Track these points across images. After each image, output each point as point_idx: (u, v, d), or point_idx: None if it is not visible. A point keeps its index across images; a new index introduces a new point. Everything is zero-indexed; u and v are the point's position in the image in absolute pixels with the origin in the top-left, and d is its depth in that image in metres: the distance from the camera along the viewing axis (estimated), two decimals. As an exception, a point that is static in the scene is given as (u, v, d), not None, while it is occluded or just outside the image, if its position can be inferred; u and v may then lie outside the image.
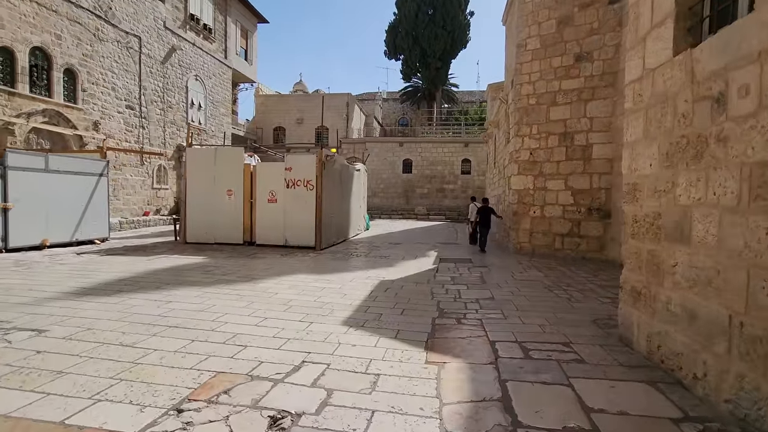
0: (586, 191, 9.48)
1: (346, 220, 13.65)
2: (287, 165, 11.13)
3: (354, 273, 7.64)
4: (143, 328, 4.13)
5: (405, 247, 12.05)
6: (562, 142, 9.76)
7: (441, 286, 6.62)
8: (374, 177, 28.16)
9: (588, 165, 9.44)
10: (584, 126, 9.45)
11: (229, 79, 24.98)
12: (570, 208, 9.69)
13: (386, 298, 5.75)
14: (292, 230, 11.10)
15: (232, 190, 11.48)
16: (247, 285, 6.31)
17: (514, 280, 7.10)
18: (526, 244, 10.33)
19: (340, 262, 8.90)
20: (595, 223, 9.39)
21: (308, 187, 10.99)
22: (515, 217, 10.49)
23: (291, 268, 7.94)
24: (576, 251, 9.62)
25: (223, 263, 8.33)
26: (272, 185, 11.22)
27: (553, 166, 9.92)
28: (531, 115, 10.22)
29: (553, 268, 8.35)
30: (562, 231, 9.80)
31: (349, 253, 10.42)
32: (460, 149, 27.80)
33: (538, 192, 10.16)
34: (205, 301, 5.23)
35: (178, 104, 20.15)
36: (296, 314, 4.79)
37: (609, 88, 9.13)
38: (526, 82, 10.26)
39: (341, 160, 12.93)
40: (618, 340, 4.02)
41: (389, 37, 33.72)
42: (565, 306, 5.40)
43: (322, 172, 10.93)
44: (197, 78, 21.71)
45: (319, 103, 30.10)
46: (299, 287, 6.25)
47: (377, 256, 9.94)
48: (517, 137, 10.44)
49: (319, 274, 7.41)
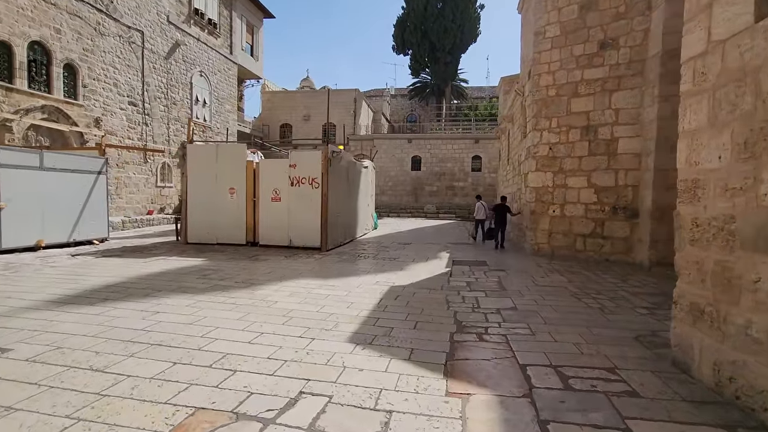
0: (611, 189, 8.81)
1: (353, 220, 13.11)
2: (291, 162, 10.61)
3: (361, 277, 7.09)
4: (121, 346, 3.62)
5: (415, 247, 11.48)
6: (585, 136, 9.09)
7: (456, 293, 6.05)
8: (382, 174, 27.60)
9: (613, 160, 8.77)
10: (609, 118, 8.78)
11: (235, 75, 24.56)
12: (593, 206, 9.03)
13: (397, 307, 5.19)
14: (297, 230, 10.59)
15: (235, 188, 10.99)
16: (245, 292, 5.79)
17: (536, 287, 6.49)
18: (545, 245, 9.70)
19: (347, 265, 8.36)
20: (620, 223, 8.72)
21: (313, 185, 10.46)
22: (533, 216, 9.85)
23: (294, 272, 7.42)
24: (599, 253, 8.96)
25: (223, 266, 7.84)
26: (276, 183, 10.71)
27: (575, 161, 9.26)
28: (550, 108, 9.56)
29: (577, 272, 7.72)
30: (584, 231, 9.15)
31: (356, 255, 9.88)
32: (470, 146, 27.10)
33: (557, 190, 9.52)
34: (197, 312, 4.71)
35: (182, 101, 19.76)
36: (296, 328, 4.25)
37: (637, 77, 8.44)
38: (545, 72, 9.60)
39: (348, 157, 12.38)
40: (671, 365, 3.42)
41: (397, 32, 33.05)
42: (598, 319, 4.79)
43: (328, 169, 10.39)
44: (202, 74, 21.30)
45: (326, 99, 29.62)
46: (301, 295, 5.72)
47: (386, 258, 9.38)
48: (534, 131, 9.79)
49: (324, 279, 6.87)
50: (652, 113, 8.05)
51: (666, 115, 7.82)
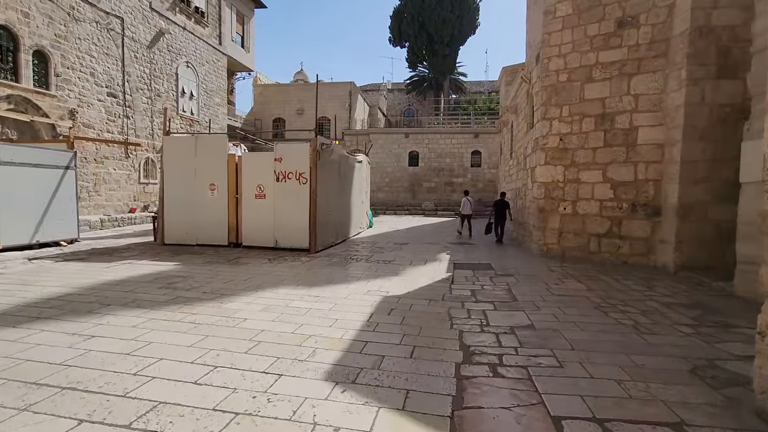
0: (630, 184, 7.94)
1: (345, 218, 12.21)
2: (277, 155, 9.69)
3: (351, 285, 6.21)
4: (19, 392, 2.73)
5: (412, 248, 10.60)
6: (600, 126, 8.21)
7: (460, 305, 5.17)
8: (378, 170, 26.70)
9: (632, 152, 7.89)
10: (627, 105, 7.90)
11: (224, 67, 23.55)
12: (609, 203, 8.16)
13: (390, 326, 4.31)
14: (283, 230, 9.69)
15: (216, 184, 10.07)
16: (211, 306, 4.89)
17: (553, 296, 5.62)
18: (555, 246, 8.83)
19: (337, 270, 7.47)
20: (640, 221, 7.86)
21: (301, 181, 9.56)
22: (541, 214, 8.98)
23: (275, 279, 6.53)
24: (616, 255, 8.10)
25: (195, 272, 6.93)
26: (260, 178, 9.79)
27: (588, 153, 8.38)
28: (561, 94, 8.67)
29: (594, 278, 6.86)
30: (599, 231, 8.28)
31: (347, 257, 8.99)
32: (469, 140, 26.21)
33: (569, 185, 8.64)
34: (142, 336, 3.81)
35: (167, 92, 18.76)
36: (262, 359, 3.37)
37: (660, 58, 7.55)
38: (555, 55, 8.70)
39: (339, 150, 11.47)
40: (755, 415, 2.55)
41: (394, 23, 32.03)
42: (636, 341, 3.92)
43: (317, 163, 9.48)
44: (188, 65, 20.29)
45: (321, 93, 28.47)
46: (278, 309, 4.83)
47: (380, 261, 8.49)
48: (543, 121, 8.90)
49: (308, 288, 5.98)
50: (678, 99, 7.17)
51: (695, 100, 6.94)
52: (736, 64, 6.79)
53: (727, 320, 4.59)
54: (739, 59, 6.77)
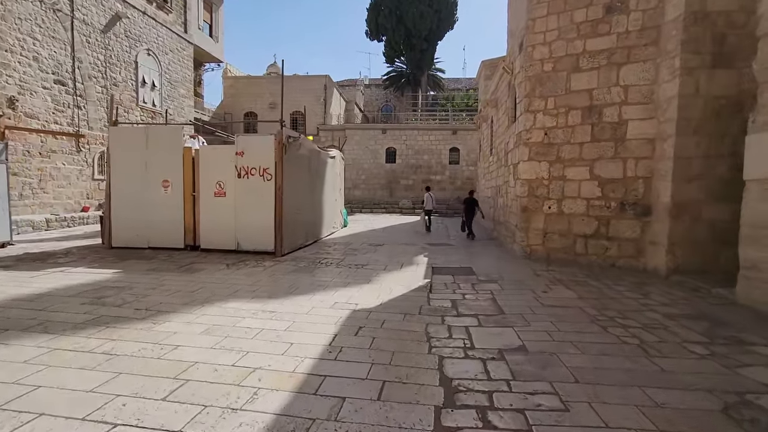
0: (618, 181, 7.44)
1: (317, 217, 11.38)
2: (238, 148, 8.77)
3: (316, 296, 5.43)
4: None
5: (388, 249, 9.88)
6: (587, 119, 7.68)
7: (440, 319, 4.48)
8: (355, 167, 25.88)
9: (621, 147, 7.39)
10: (616, 97, 7.38)
11: (190, 57, 22.18)
12: (596, 202, 7.65)
13: (356, 351, 3.57)
14: (246, 231, 8.79)
15: (170, 180, 9.07)
16: (139, 329, 4.03)
17: (543, 307, 5.00)
18: (539, 248, 8.28)
19: (302, 277, 6.67)
20: (629, 221, 7.37)
21: (265, 177, 8.68)
22: (524, 213, 8.40)
23: (229, 289, 5.68)
24: (603, 257, 7.60)
25: (136, 281, 6.00)
26: (220, 174, 8.86)
27: (575, 149, 7.84)
28: (546, 85, 8.10)
29: (583, 283, 6.30)
30: (586, 231, 7.76)
31: (317, 261, 8.18)
32: (448, 137, 25.69)
33: (554, 182, 8.09)
34: (29, 377, 2.94)
35: (125, 82, 17.39)
36: (183, 409, 2.57)
37: (651, 47, 7.05)
38: (539, 43, 8.11)
39: (309, 145, 10.62)
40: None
41: (371, 16, 31.17)
42: (647, 367, 3.31)
43: (283, 157, 8.63)
44: (150, 53, 18.92)
45: (294, 86, 27.56)
46: (222, 330, 4.01)
47: (352, 265, 7.74)
48: (527, 113, 8.31)
49: (265, 301, 5.17)
50: (670, 89, 6.68)
51: (689, 91, 6.46)
52: (732, 52, 6.34)
53: (739, 336, 4.05)
54: (735, 47, 6.33)
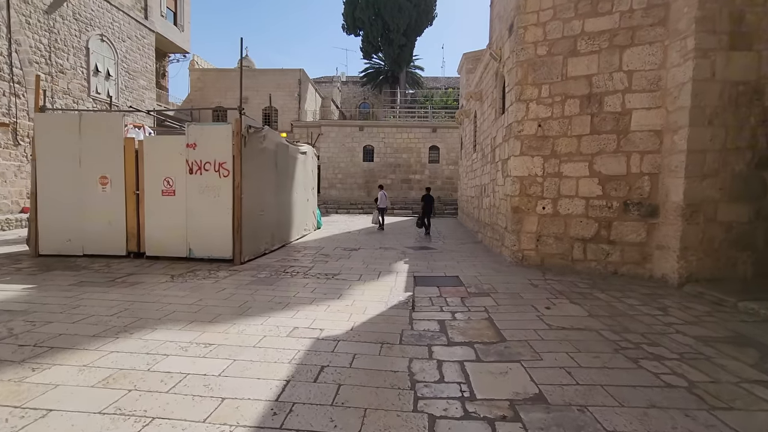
0: (621, 178, 6.65)
1: (285, 219, 10.24)
2: (189, 140, 7.57)
3: (272, 318, 4.35)
4: None
5: (364, 255, 8.85)
6: (586, 109, 6.86)
7: (427, 351, 3.49)
8: (331, 166, 24.76)
9: (624, 140, 6.59)
10: (619, 84, 6.58)
11: (152, 45, 20.55)
12: (596, 202, 6.84)
13: (313, 413, 2.53)
14: (199, 236, 7.60)
15: (108, 176, 7.79)
16: (6, 379, 2.86)
17: (551, 330, 4.08)
18: (532, 253, 7.42)
19: (260, 291, 5.57)
20: (633, 223, 6.58)
21: (221, 173, 7.52)
22: (516, 215, 7.53)
23: (162, 311, 4.53)
24: (604, 263, 6.79)
25: (43, 302, 4.77)
26: (168, 170, 7.64)
27: (572, 142, 7.02)
28: (539, 71, 7.24)
29: (589, 295, 5.44)
30: (585, 235, 6.94)
31: (281, 270, 7.08)
32: (427, 135, 24.86)
33: (549, 179, 7.24)
34: None
35: (74, 69, 15.75)
36: None
37: (658, 27, 6.28)
38: (532, 24, 7.25)
39: (276, 138, 9.47)
40: None
41: (347, 9, 30.06)
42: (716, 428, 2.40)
43: (242, 150, 7.48)
44: (104, 39, 17.28)
45: (267, 80, 26.22)
46: (129, 379, 2.89)
47: (322, 275, 6.67)
48: (518, 103, 7.44)
49: (205, 327, 4.05)
50: (681, 75, 5.91)
51: (704, 76, 5.70)
52: (752, 32, 5.62)
53: (803, 370, 3.22)
54: (755, 27, 5.61)
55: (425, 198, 13.30)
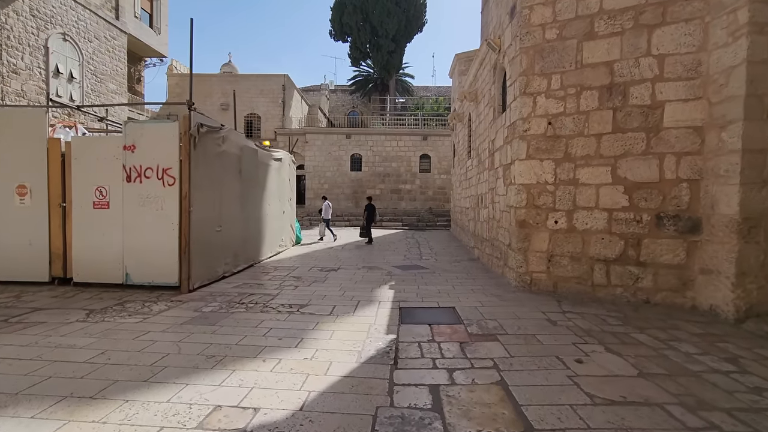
0: (652, 185, 5.44)
1: (253, 235, 8.88)
2: (128, 140, 6.23)
3: (188, 389, 2.99)
4: None
5: (343, 277, 7.52)
6: (606, 102, 5.68)
7: (412, 462, 2.16)
8: (316, 175, 23.47)
9: (655, 140, 5.40)
10: (647, 71, 5.41)
11: (123, 47, 19.23)
12: (622, 214, 5.61)
13: None
14: (138, 257, 6.22)
15: (27, 186, 6.40)
16: None
17: (595, 406, 2.77)
18: (542, 276, 6.14)
19: (195, 334, 4.21)
20: (669, 241, 5.36)
21: (166, 181, 6.17)
22: (522, 230, 6.28)
23: (35, 375, 3.15)
24: (633, 290, 5.54)
25: None
26: (101, 177, 6.28)
27: (590, 143, 5.81)
28: (549, 59, 6.06)
29: (626, 338, 4.16)
30: (608, 255, 5.69)
31: (236, 301, 5.71)
32: (418, 143, 23.73)
33: (562, 188, 6.02)
34: None
35: (29, 70, 14.33)
36: None
37: (695, 0, 5.14)
38: (539, 2, 6.10)
39: (240, 140, 8.17)
40: None
41: (335, 14, 29.08)
42: None
43: (191, 154, 6.16)
44: (67, 38, 15.92)
45: (249, 86, 24.99)
46: None
47: (285, 308, 5.32)
48: (524, 97, 6.24)
49: (81, 405, 2.68)
50: (731, 56, 4.75)
51: (762, 56, 4.54)
52: (820, 2, 4.48)
53: None
54: (824, -4, 4.47)
55: (367, 207, 13.65)
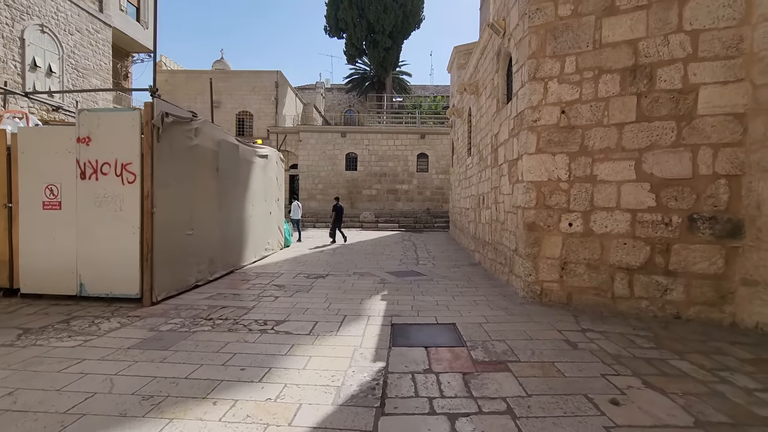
0: (684, 182, 4.70)
1: (234, 237, 8.11)
2: (82, 132, 5.47)
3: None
4: None
5: (330, 285, 6.76)
6: (629, 86, 4.94)
7: None
8: (310, 175, 22.72)
9: (688, 129, 4.67)
10: (678, 50, 4.68)
11: (107, 41, 18.44)
12: (648, 216, 4.87)
13: None
14: (95, 265, 5.45)
15: (-32, 183, 5.61)
16: None
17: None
18: (554, 286, 5.40)
19: (141, 363, 3.45)
20: (704, 247, 4.62)
21: (126, 178, 5.41)
22: (531, 233, 5.54)
23: None
24: (661, 303, 4.80)
25: None
26: (53, 174, 5.51)
27: (610, 133, 5.08)
28: (562, 38, 5.33)
29: (664, 366, 3.42)
30: (631, 262, 4.95)
31: (203, 316, 4.94)
32: (415, 141, 22.99)
33: (577, 186, 5.28)
34: None
35: (3, 63, 13.53)
36: None
37: (737, -34, 4.42)
38: (551, -25, 5.35)
39: (216, 133, 7.41)
40: None
41: (330, 10, 28.32)
42: None
43: (154, 146, 5.39)
44: (45, 30, 15.12)
45: (241, 83, 24.22)
46: None
47: (258, 324, 4.56)
48: (533, 82, 5.50)
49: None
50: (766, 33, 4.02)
51: (823, 26, 3.81)
52: None
53: None
54: None
55: (335, 208, 13.68)
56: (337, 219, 13.62)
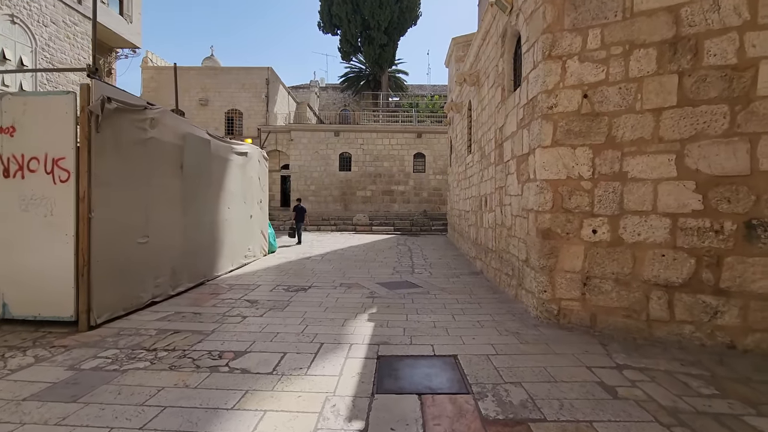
0: (740, 180, 3.80)
1: (207, 245, 7.16)
2: (5, 121, 4.54)
3: None
4: None
5: (312, 300, 5.82)
6: (670, 63, 4.04)
7: None
8: (302, 176, 21.79)
9: (744, 115, 3.78)
10: (731, 16, 3.79)
11: (86, 34, 17.46)
12: (692, 221, 3.97)
13: None
14: (20, 281, 4.51)
15: None
16: None
17: None
18: (575, 305, 4.49)
19: (27, 428, 2.50)
20: (765, 260, 3.71)
21: (58, 176, 4.47)
22: (546, 242, 4.63)
23: None
24: (710, 329, 3.90)
25: None
26: (-30, 171, 4.56)
27: (644, 121, 4.17)
28: (584, 7, 4.44)
29: (740, 428, 2.51)
30: (671, 278, 4.05)
31: (144, 347, 4.01)
32: (411, 141, 22.08)
33: (603, 185, 4.37)
34: None
35: (-33, 54, 12.56)
36: None
37: None
38: (570, -68, 4.46)
39: (178, 124, 6.49)
40: None
41: (324, 5, 27.40)
42: None
43: (93, 138, 4.46)
44: (15, 21, 14.15)
45: (230, 80, 23.27)
46: None
47: (210, 359, 3.63)
48: (548, 62, 4.60)
49: None
50: None
51: None
52: None
53: None
54: None
55: (296, 209, 14.07)
56: (298, 219, 14.04)
